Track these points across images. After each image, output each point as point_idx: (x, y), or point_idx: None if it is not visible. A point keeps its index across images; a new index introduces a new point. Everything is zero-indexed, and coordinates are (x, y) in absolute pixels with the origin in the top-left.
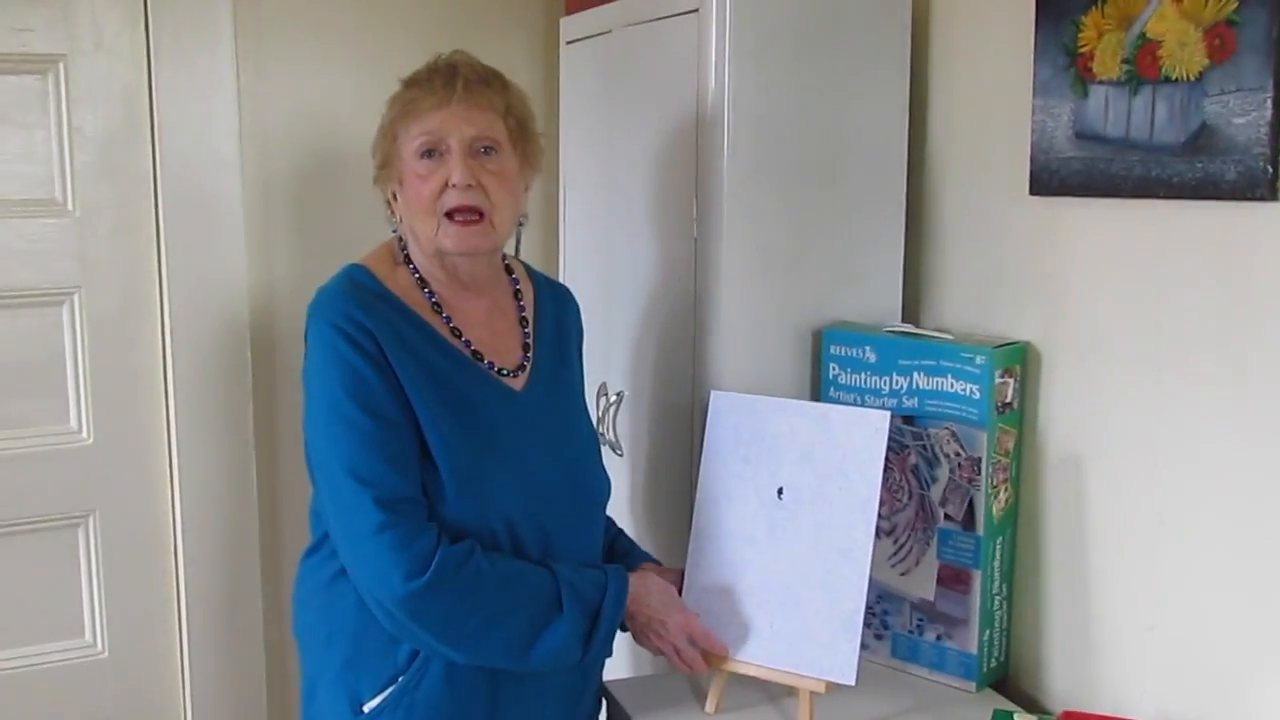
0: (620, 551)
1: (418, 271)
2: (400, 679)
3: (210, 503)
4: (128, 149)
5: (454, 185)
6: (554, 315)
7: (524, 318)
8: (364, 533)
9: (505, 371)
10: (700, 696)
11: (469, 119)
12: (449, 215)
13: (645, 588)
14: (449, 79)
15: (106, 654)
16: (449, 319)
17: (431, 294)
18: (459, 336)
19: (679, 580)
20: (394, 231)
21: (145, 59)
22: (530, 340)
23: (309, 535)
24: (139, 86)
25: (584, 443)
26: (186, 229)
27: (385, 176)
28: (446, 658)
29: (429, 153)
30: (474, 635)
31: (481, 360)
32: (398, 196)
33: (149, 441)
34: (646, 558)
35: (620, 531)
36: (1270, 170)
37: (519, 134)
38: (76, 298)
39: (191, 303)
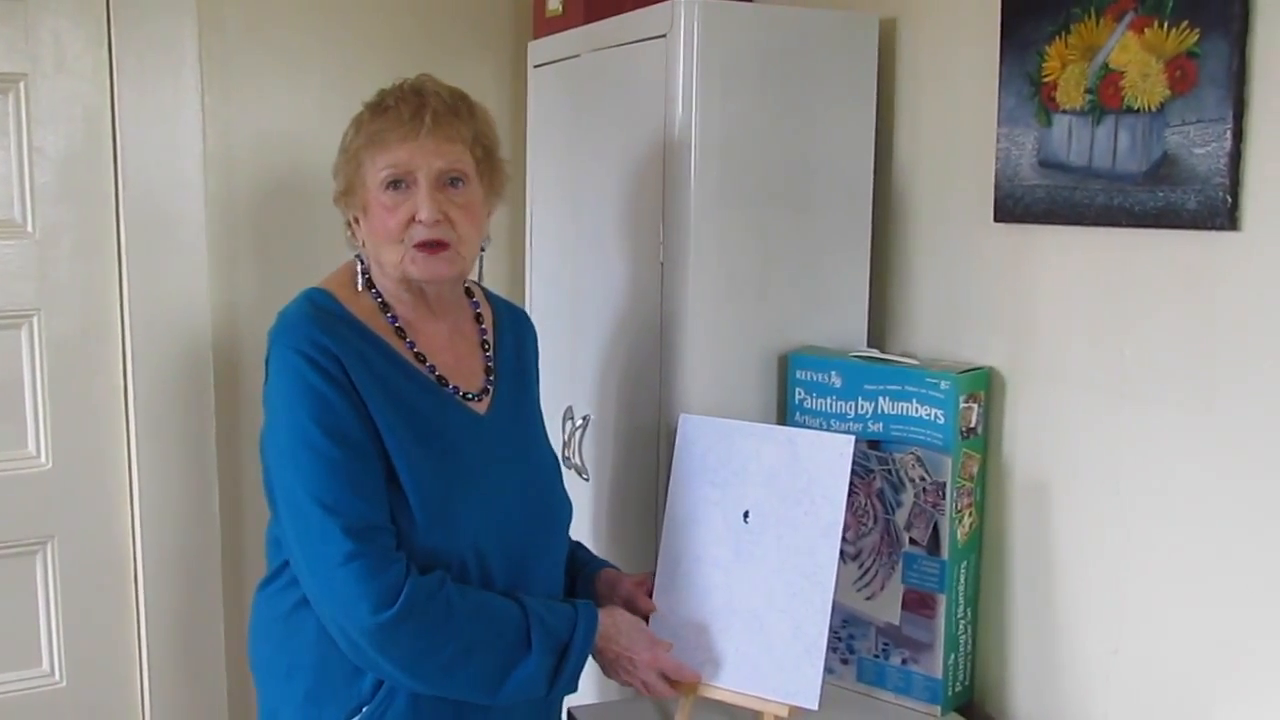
0: (581, 562)
1: (380, 295)
2: (365, 709)
3: (171, 528)
4: (89, 170)
5: (421, 221)
6: (514, 339)
7: (485, 341)
8: (331, 562)
9: (469, 395)
10: None
11: (438, 151)
12: (415, 246)
13: (614, 625)
14: (417, 109)
15: (65, 684)
16: (412, 344)
17: (394, 318)
18: (423, 361)
19: (639, 586)
20: (355, 255)
21: (108, 80)
22: (492, 364)
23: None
24: (101, 107)
25: (547, 466)
26: (148, 251)
27: (348, 201)
28: (411, 689)
29: (395, 184)
30: (441, 669)
31: (446, 385)
32: (360, 221)
33: (109, 466)
34: (605, 564)
35: (578, 544)
36: (1230, 200)
37: (485, 163)
38: (36, 320)
39: (153, 325)
